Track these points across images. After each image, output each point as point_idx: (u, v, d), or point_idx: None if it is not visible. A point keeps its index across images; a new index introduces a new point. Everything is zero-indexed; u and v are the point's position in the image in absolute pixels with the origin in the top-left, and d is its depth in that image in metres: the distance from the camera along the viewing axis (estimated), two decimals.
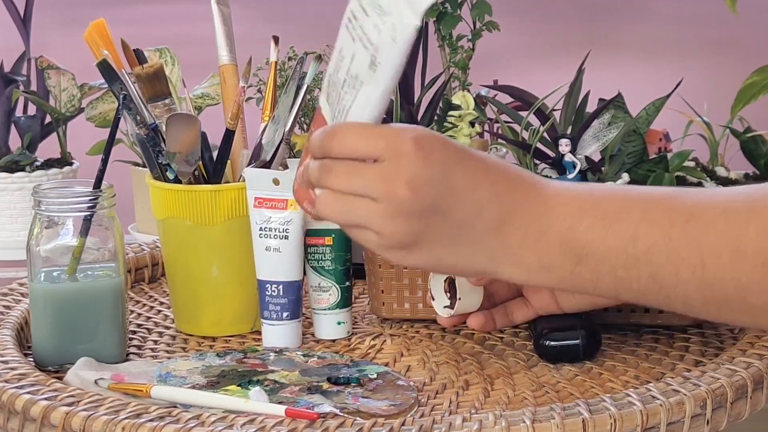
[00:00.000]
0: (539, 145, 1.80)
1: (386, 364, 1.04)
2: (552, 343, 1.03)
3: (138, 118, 1.10)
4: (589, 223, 0.79)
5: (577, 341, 1.02)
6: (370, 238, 0.81)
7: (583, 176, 1.77)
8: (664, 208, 0.79)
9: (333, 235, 1.11)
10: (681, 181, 1.89)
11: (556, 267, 0.81)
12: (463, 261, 0.82)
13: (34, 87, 1.95)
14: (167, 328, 1.16)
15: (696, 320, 1.08)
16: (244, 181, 1.10)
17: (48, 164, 1.93)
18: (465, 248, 0.81)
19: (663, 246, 0.78)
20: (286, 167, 1.13)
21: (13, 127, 1.95)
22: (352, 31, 0.83)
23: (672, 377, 0.94)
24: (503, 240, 0.81)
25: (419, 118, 1.88)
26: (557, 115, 1.84)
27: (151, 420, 0.85)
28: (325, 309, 1.11)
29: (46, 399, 0.90)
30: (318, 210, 0.82)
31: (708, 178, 1.90)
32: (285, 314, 1.08)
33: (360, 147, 0.80)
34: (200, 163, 1.13)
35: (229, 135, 1.13)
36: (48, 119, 1.94)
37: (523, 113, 1.86)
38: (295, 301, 1.08)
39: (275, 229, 1.08)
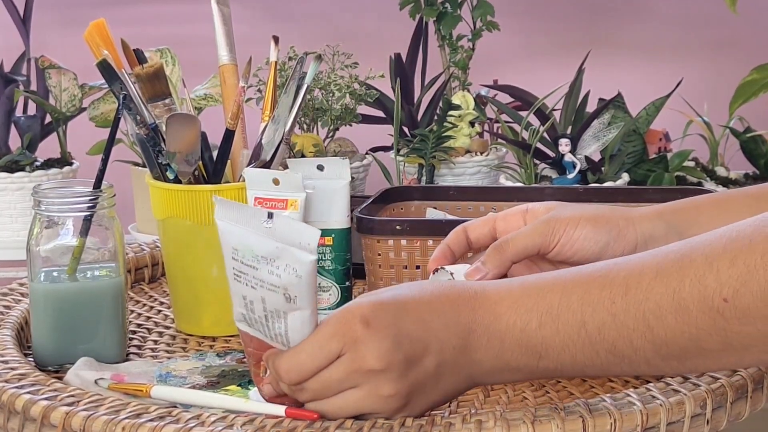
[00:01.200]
0: (539, 145, 1.80)
1: None
2: None
3: (138, 118, 1.10)
4: (538, 322, 0.83)
5: None
6: (373, 415, 0.86)
7: (583, 176, 1.78)
8: (601, 285, 0.82)
9: (333, 235, 1.11)
10: (681, 181, 1.89)
11: (522, 367, 0.85)
12: (451, 390, 0.87)
13: (34, 87, 1.95)
14: (167, 328, 1.16)
15: None
16: (244, 181, 1.10)
17: (48, 164, 1.93)
18: (448, 380, 0.86)
19: (610, 323, 0.81)
20: (286, 167, 1.13)
21: (13, 127, 1.94)
22: (248, 283, 0.85)
23: (672, 377, 0.93)
24: (472, 358, 0.85)
25: (419, 118, 1.88)
26: (557, 115, 1.84)
27: (151, 420, 0.85)
28: (325, 309, 1.11)
29: (46, 399, 0.90)
30: (317, 414, 0.86)
31: (708, 178, 1.90)
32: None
33: (318, 361, 0.84)
34: (200, 163, 1.13)
35: (229, 135, 1.13)
36: (48, 119, 1.94)
37: (523, 113, 1.86)
38: None
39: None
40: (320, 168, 1.12)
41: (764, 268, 0.76)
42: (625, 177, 1.83)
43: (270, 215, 0.84)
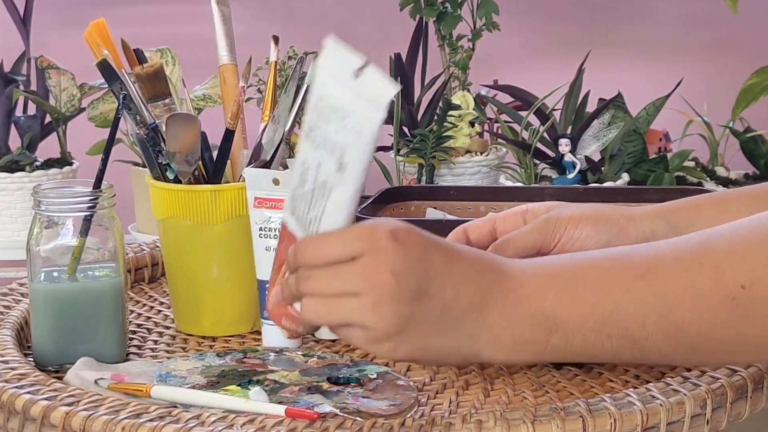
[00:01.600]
0: (539, 145, 1.80)
1: (386, 364, 1.04)
2: None
3: (138, 118, 1.10)
4: (555, 294, 0.82)
5: None
6: (357, 335, 0.83)
7: (583, 176, 1.78)
8: (621, 266, 0.82)
9: None
10: (681, 181, 1.89)
11: (531, 342, 0.83)
12: (448, 345, 0.84)
13: (34, 87, 1.95)
14: (167, 328, 1.16)
15: None
16: (244, 181, 1.10)
17: (48, 164, 1.93)
18: (449, 332, 0.83)
19: (626, 302, 0.81)
20: (286, 167, 1.13)
21: (13, 127, 1.94)
22: (314, 141, 0.84)
23: (672, 377, 0.94)
24: (482, 320, 0.83)
25: (419, 118, 1.88)
26: (557, 115, 1.84)
27: (151, 420, 0.85)
28: None
29: (46, 399, 0.90)
30: (303, 316, 0.84)
31: (708, 178, 1.90)
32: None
33: (337, 251, 0.82)
34: (200, 163, 1.13)
35: (229, 135, 1.13)
36: (48, 119, 1.94)
37: (523, 113, 1.86)
38: None
39: (275, 229, 1.08)
40: None
41: None
42: (625, 177, 1.83)
43: (363, 66, 0.81)
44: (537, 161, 1.81)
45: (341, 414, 0.89)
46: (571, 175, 1.77)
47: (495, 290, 0.83)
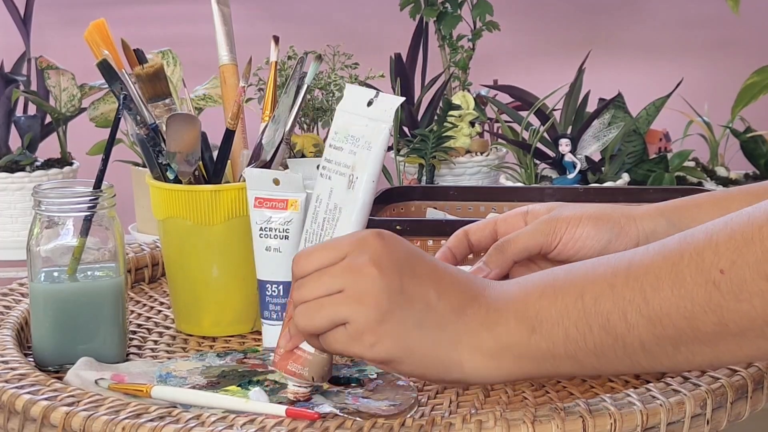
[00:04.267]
0: (539, 145, 1.80)
1: None
2: None
3: (138, 118, 1.10)
4: (539, 293, 0.83)
5: None
6: (340, 334, 0.84)
7: (583, 176, 1.78)
8: (606, 263, 0.83)
9: None
10: (681, 181, 1.89)
11: (513, 343, 0.83)
12: (428, 346, 0.84)
13: (34, 87, 1.95)
14: (167, 328, 1.16)
15: None
16: (244, 181, 1.10)
17: (48, 164, 1.93)
18: (430, 332, 0.84)
19: (608, 294, 0.81)
20: (286, 167, 1.13)
21: (13, 127, 1.95)
22: (327, 175, 0.90)
23: (672, 377, 0.94)
24: (464, 323, 0.84)
25: (419, 118, 1.88)
26: (557, 115, 1.84)
27: (151, 420, 0.85)
28: None
29: (46, 399, 0.90)
30: (296, 323, 0.86)
31: (708, 178, 1.90)
32: (285, 314, 1.08)
33: (326, 257, 0.84)
34: (200, 163, 1.13)
35: (229, 135, 1.13)
36: (48, 119, 1.94)
37: (523, 113, 1.86)
38: None
39: (275, 229, 1.08)
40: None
41: (761, 240, 0.75)
42: (626, 177, 1.83)
43: (374, 96, 0.89)
44: (537, 161, 1.81)
45: (341, 414, 0.89)
46: (571, 176, 1.77)
47: (479, 299, 0.84)
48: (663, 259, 0.80)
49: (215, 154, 1.14)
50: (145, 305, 1.23)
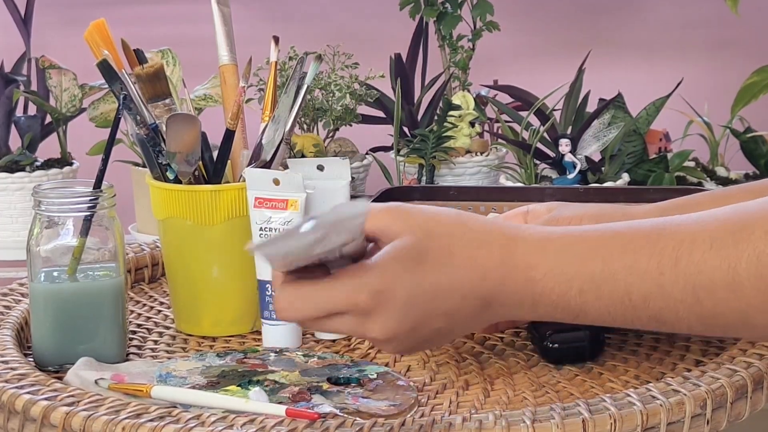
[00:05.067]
0: (539, 145, 1.80)
1: (386, 364, 1.04)
2: (556, 345, 1.03)
3: (138, 118, 1.10)
4: (578, 290, 0.81)
5: (582, 343, 1.02)
6: (346, 325, 0.84)
7: (583, 176, 1.78)
8: (649, 254, 0.80)
9: None
10: (681, 181, 1.89)
11: (554, 318, 0.84)
12: (461, 333, 0.87)
13: (34, 87, 1.95)
14: (167, 328, 1.16)
15: None
16: (244, 181, 1.10)
17: (48, 164, 1.93)
18: (460, 328, 0.85)
19: (657, 294, 0.79)
20: (286, 167, 1.13)
21: (13, 127, 1.94)
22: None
23: (672, 377, 0.94)
24: (493, 313, 0.83)
25: (419, 118, 1.88)
26: (557, 115, 1.84)
27: (151, 420, 0.85)
28: None
29: (46, 399, 0.90)
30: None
31: (708, 178, 1.90)
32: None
33: (321, 312, 0.83)
34: (200, 163, 1.13)
35: (229, 135, 1.13)
36: (48, 119, 1.94)
37: (523, 113, 1.86)
38: None
39: (275, 229, 1.08)
40: (320, 168, 1.12)
41: None
42: (626, 177, 1.83)
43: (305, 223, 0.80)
44: (537, 161, 1.81)
45: (341, 414, 0.89)
46: (571, 176, 1.77)
47: (502, 294, 0.82)
48: (718, 259, 0.77)
49: (215, 154, 1.14)
50: (145, 305, 1.23)
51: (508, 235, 0.83)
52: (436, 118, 1.84)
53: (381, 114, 1.91)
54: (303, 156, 1.71)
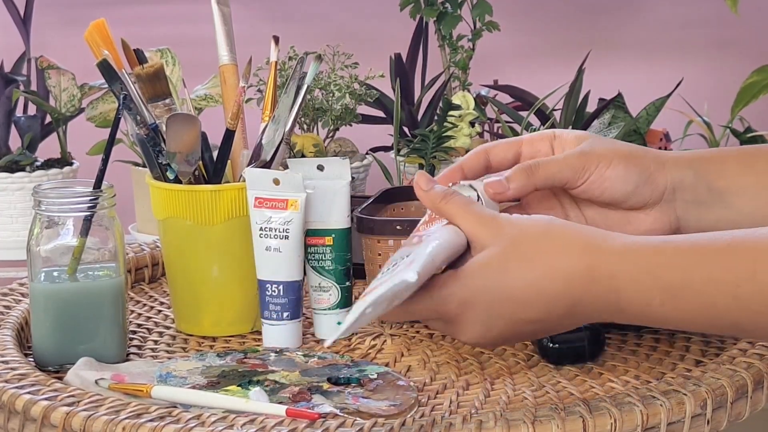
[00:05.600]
0: None
1: (386, 365, 1.04)
2: (556, 345, 1.03)
3: (138, 118, 1.10)
4: (659, 300, 0.83)
5: (582, 343, 1.02)
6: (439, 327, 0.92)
7: None
8: (725, 267, 0.82)
9: (333, 235, 1.11)
10: None
11: (642, 324, 0.89)
12: (554, 332, 0.92)
13: (34, 87, 1.95)
14: (167, 328, 1.16)
15: None
16: (244, 181, 1.10)
17: (48, 164, 1.92)
18: (550, 328, 0.90)
19: (734, 306, 0.82)
20: (286, 167, 1.13)
21: (13, 127, 1.94)
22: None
23: (672, 377, 0.94)
24: (581, 316, 0.88)
25: (419, 118, 1.88)
26: (557, 115, 1.84)
27: (151, 420, 0.85)
28: (325, 309, 1.11)
29: (46, 399, 0.90)
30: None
31: None
32: (285, 314, 1.08)
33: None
34: (200, 163, 1.13)
35: (229, 135, 1.13)
36: (48, 119, 1.94)
37: (523, 113, 1.86)
38: (296, 301, 1.08)
39: (275, 229, 1.08)
40: (320, 168, 1.12)
41: None
42: None
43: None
44: None
45: (341, 414, 0.89)
46: None
47: (585, 300, 0.86)
48: None
49: (215, 154, 1.14)
50: (145, 305, 1.23)
51: (591, 244, 0.86)
52: (436, 118, 1.84)
53: (381, 114, 1.91)
54: (303, 156, 1.71)
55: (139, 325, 1.17)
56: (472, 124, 1.85)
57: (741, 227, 0.86)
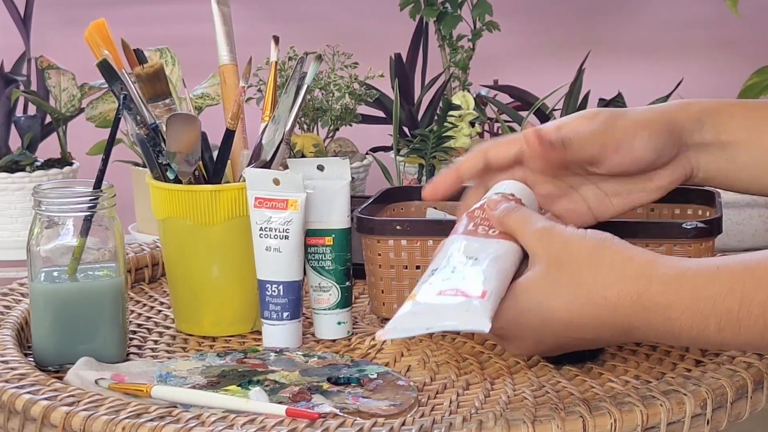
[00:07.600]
0: None
1: (386, 364, 1.04)
2: None
3: (138, 118, 1.10)
4: (716, 327, 0.84)
5: None
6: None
7: None
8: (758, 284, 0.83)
9: (333, 235, 1.11)
10: None
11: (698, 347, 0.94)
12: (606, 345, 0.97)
13: (34, 87, 1.95)
14: (167, 328, 1.16)
15: None
16: (244, 181, 1.10)
17: (48, 164, 1.93)
18: (602, 344, 0.96)
19: None
20: (286, 167, 1.13)
21: (13, 127, 1.94)
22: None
23: (672, 377, 0.94)
24: (635, 338, 0.90)
25: (419, 118, 1.88)
26: (557, 115, 1.84)
27: (151, 420, 0.85)
28: (325, 309, 1.11)
29: (46, 399, 0.90)
30: None
31: None
32: (285, 314, 1.08)
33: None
34: (200, 163, 1.13)
35: (229, 135, 1.13)
36: (48, 119, 1.94)
37: (523, 113, 1.86)
38: (296, 301, 1.08)
39: (275, 229, 1.08)
40: (320, 168, 1.12)
41: None
42: None
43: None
44: None
45: (341, 414, 0.89)
46: None
47: (638, 326, 0.86)
48: None
49: (215, 154, 1.14)
50: (145, 305, 1.23)
51: (642, 273, 0.86)
52: (436, 118, 1.84)
53: (381, 114, 1.91)
54: (303, 156, 1.71)
55: (139, 325, 1.17)
56: (472, 124, 1.85)
57: (742, 179, 0.91)
